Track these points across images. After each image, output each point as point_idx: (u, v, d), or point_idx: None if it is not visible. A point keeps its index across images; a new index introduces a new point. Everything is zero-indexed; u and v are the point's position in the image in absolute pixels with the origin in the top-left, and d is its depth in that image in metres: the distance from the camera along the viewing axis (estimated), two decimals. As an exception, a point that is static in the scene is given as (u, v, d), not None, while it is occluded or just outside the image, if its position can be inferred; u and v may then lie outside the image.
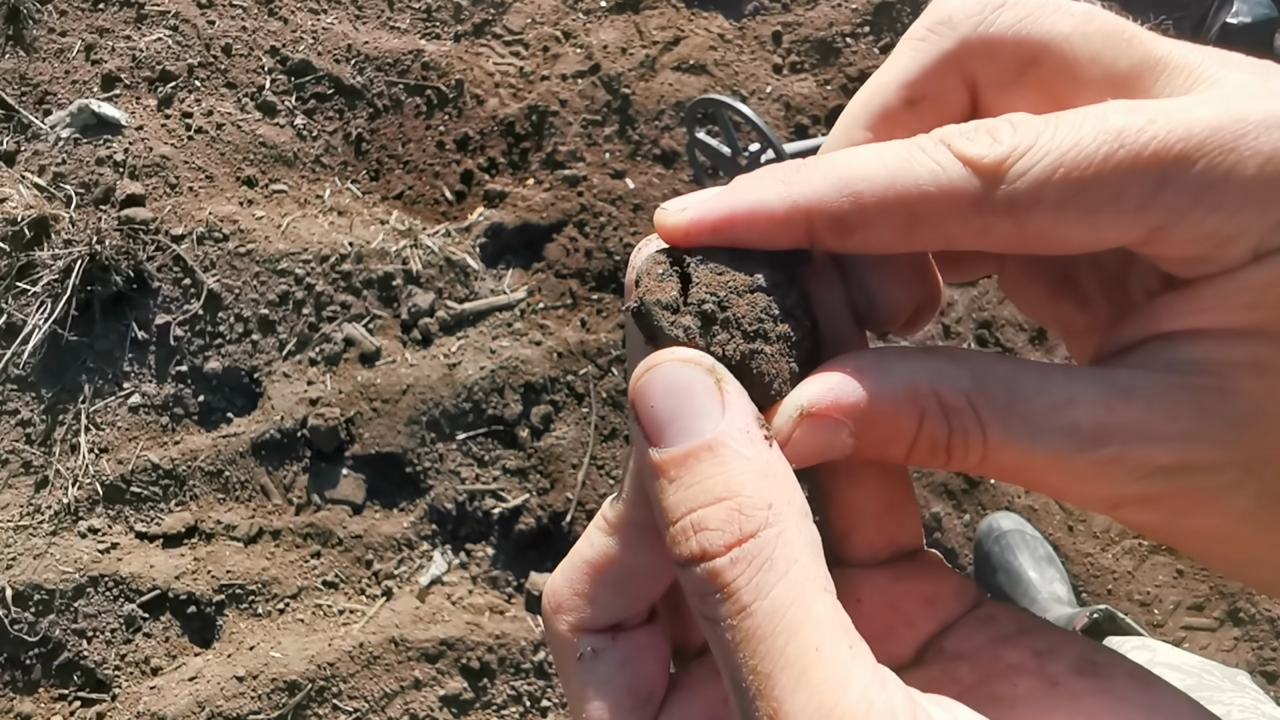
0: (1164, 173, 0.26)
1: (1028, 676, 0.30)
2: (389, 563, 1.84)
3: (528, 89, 2.28)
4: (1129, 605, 1.85)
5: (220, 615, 1.80)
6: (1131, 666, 0.30)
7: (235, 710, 1.68)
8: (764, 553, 0.25)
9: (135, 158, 2.07)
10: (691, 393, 0.28)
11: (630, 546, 0.31)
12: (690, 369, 0.28)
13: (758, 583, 0.25)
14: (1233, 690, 1.10)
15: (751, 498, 0.26)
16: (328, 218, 2.10)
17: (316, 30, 2.28)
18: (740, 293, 0.31)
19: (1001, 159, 0.27)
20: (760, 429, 0.28)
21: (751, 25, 2.37)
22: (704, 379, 0.28)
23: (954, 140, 0.28)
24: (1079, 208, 0.26)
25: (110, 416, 1.93)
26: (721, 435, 0.27)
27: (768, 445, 0.27)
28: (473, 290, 2.04)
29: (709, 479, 0.26)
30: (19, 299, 1.96)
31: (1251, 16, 2.09)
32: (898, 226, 0.28)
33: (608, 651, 0.32)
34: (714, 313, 0.30)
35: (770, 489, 0.26)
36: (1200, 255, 0.27)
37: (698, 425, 0.27)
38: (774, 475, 0.27)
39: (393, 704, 1.71)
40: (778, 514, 0.26)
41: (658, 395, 0.28)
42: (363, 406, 1.91)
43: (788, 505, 0.26)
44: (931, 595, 0.34)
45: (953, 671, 0.32)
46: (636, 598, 0.32)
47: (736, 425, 0.27)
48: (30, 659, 1.78)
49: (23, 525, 1.84)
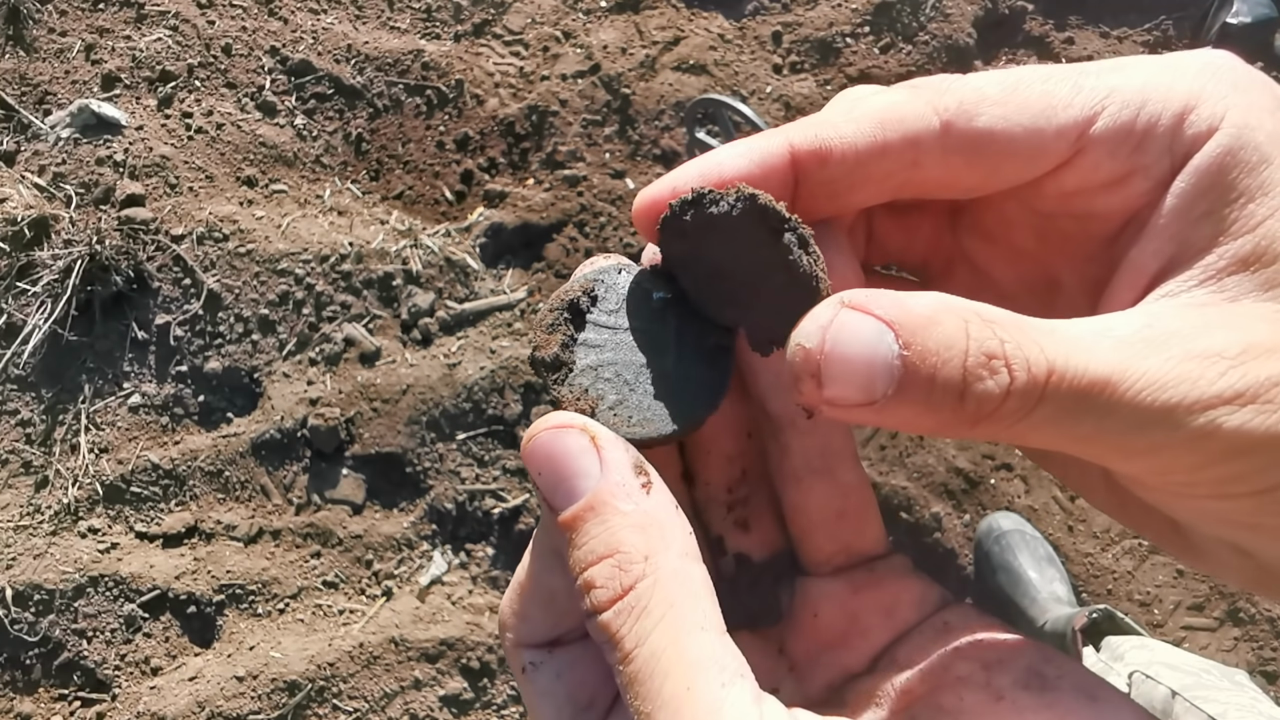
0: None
1: (974, 690, 0.31)
2: (389, 563, 1.84)
3: (528, 89, 2.28)
4: (1129, 605, 1.85)
5: (220, 615, 1.80)
6: (1080, 679, 0.30)
7: (235, 710, 1.68)
8: (641, 602, 0.27)
9: (135, 158, 2.07)
10: (569, 456, 0.29)
11: (548, 570, 0.33)
12: (564, 434, 0.30)
13: (636, 631, 0.27)
14: (1230, 689, 1.10)
15: (629, 552, 0.28)
16: (328, 218, 2.10)
17: (316, 30, 2.28)
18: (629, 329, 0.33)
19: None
20: (638, 479, 0.29)
21: (751, 25, 2.37)
22: (578, 440, 0.29)
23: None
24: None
25: (110, 416, 1.93)
26: (600, 494, 0.29)
27: (645, 494, 0.29)
28: (473, 290, 2.04)
29: (593, 539, 0.28)
30: (19, 299, 1.96)
31: (1251, 17, 2.09)
32: (873, 149, 0.30)
33: (545, 664, 0.34)
34: (595, 366, 0.32)
35: (648, 540, 0.28)
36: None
37: (580, 486, 0.29)
38: (651, 525, 0.28)
39: (393, 704, 1.71)
40: (654, 564, 0.27)
41: (541, 462, 0.30)
42: (363, 406, 1.91)
43: (665, 552, 0.28)
44: (890, 605, 0.35)
45: (903, 682, 0.32)
46: (563, 615, 0.33)
47: (614, 480, 0.29)
48: (30, 659, 1.78)
49: (23, 525, 1.84)
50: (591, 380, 0.32)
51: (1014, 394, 0.26)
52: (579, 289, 0.33)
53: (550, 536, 0.32)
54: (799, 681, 0.35)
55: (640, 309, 0.34)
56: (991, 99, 0.31)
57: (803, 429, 0.34)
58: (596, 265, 0.34)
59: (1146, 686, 1.13)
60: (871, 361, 0.26)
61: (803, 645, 0.35)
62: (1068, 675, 0.30)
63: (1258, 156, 0.29)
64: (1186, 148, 0.30)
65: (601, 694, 0.34)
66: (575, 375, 0.32)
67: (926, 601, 0.35)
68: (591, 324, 0.33)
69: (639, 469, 0.29)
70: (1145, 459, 0.27)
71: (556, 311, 0.33)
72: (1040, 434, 0.27)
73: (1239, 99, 0.29)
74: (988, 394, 0.26)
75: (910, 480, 1.94)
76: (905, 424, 0.27)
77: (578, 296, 0.33)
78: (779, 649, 0.36)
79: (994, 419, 0.26)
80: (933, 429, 0.27)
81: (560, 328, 0.32)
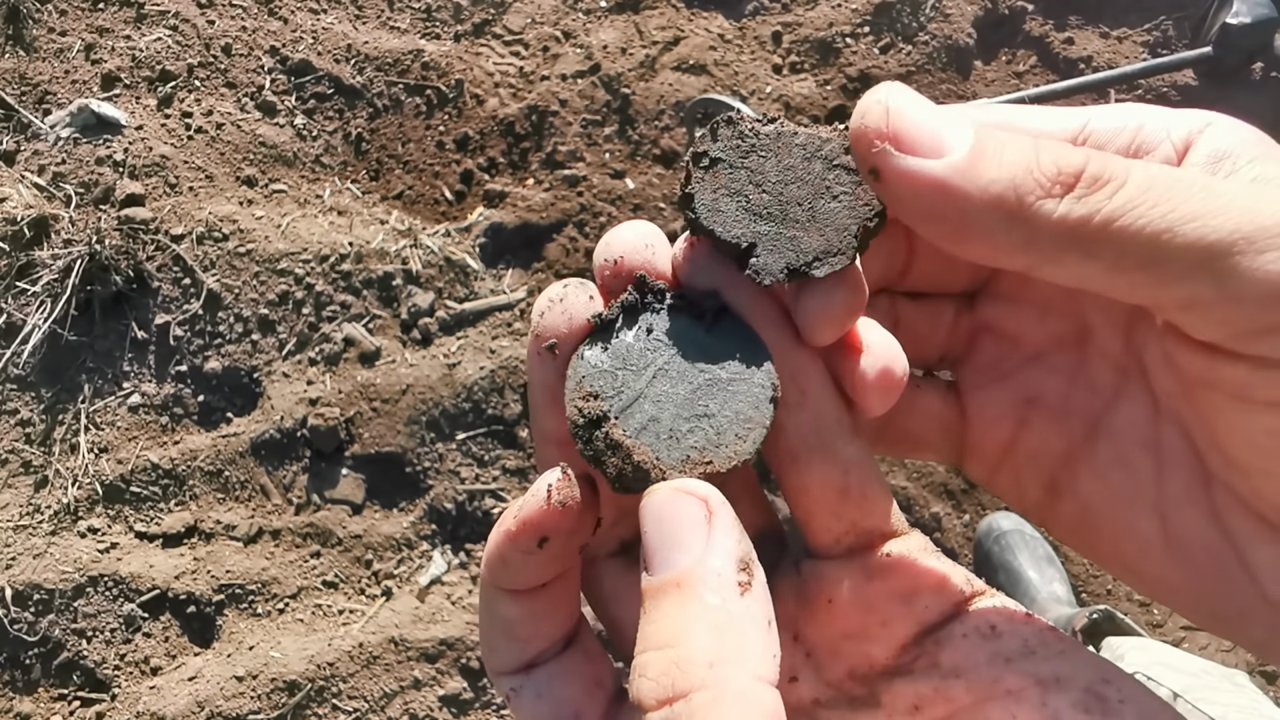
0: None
1: (1028, 708, 0.29)
2: (389, 563, 1.84)
3: (528, 89, 2.28)
4: (1128, 605, 1.85)
5: (220, 615, 1.80)
6: (1144, 706, 0.29)
7: (235, 710, 1.68)
8: (690, 717, 0.23)
9: (135, 157, 2.07)
10: (679, 524, 0.27)
11: (497, 602, 0.33)
12: (682, 500, 0.28)
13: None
14: (1230, 690, 1.10)
15: (691, 651, 0.24)
16: (327, 217, 2.10)
17: (316, 30, 2.28)
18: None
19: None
20: (740, 573, 0.26)
21: (751, 25, 2.37)
22: (694, 511, 0.27)
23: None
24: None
25: (110, 416, 1.93)
26: (689, 574, 0.26)
27: (739, 593, 0.26)
28: (473, 290, 2.04)
29: (664, 620, 0.25)
30: (19, 299, 1.96)
31: (1251, 17, 2.09)
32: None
33: (525, 686, 0.33)
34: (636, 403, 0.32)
35: (722, 644, 0.25)
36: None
37: (674, 558, 0.27)
38: (731, 629, 0.25)
39: (392, 704, 1.71)
40: (718, 676, 0.24)
41: (651, 521, 0.28)
42: (362, 406, 1.91)
43: (736, 666, 0.24)
44: (908, 592, 0.33)
45: (946, 690, 0.31)
46: (527, 641, 0.33)
47: (710, 566, 0.26)
48: (30, 659, 1.78)
49: (22, 525, 1.84)
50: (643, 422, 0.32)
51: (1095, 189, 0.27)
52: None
53: (495, 576, 0.32)
54: (817, 669, 0.34)
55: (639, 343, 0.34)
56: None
57: (793, 404, 0.33)
58: (572, 304, 0.34)
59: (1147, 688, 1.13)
60: (942, 122, 0.28)
61: (819, 632, 0.34)
62: (1130, 700, 0.29)
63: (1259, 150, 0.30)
64: (1183, 145, 0.31)
65: (587, 708, 0.34)
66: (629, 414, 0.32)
67: (948, 588, 0.33)
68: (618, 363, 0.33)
69: (744, 565, 0.27)
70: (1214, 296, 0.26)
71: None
72: (1097, 259, 0.27)
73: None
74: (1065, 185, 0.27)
75: (910, 480, 1.94)
76: (971, 214, 0.27)
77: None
78: (794, 635, 0.35)
79: (1062, 222, 0.27)
80: (993, 228, 0.27)
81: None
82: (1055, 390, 0.36)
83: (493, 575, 0.32)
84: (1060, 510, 0.36)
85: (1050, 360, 0.36)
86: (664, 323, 0.33)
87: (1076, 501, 0.36)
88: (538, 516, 0.30)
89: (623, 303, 0.33)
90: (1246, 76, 2.27)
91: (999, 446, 0.38)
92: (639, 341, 0.33)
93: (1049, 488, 0.36)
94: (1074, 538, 0.37)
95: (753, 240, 0.32)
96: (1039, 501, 0.37)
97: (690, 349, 0.33)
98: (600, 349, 0.33)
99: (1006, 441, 0.37)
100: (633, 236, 0.34)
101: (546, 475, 0.31)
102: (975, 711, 0.30)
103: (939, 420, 0.38)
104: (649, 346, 0.33)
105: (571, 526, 0.30)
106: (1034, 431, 0.36)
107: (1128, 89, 2.30)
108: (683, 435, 0.31)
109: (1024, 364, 0.37)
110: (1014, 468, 0.37)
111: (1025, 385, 0.37)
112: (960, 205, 0.27)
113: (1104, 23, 2.40)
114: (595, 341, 0.33)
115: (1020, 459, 0.37)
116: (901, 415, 0.38)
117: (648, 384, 0.32)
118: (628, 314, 0.33)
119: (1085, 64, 2.33)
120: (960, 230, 0.28)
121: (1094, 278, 0.27)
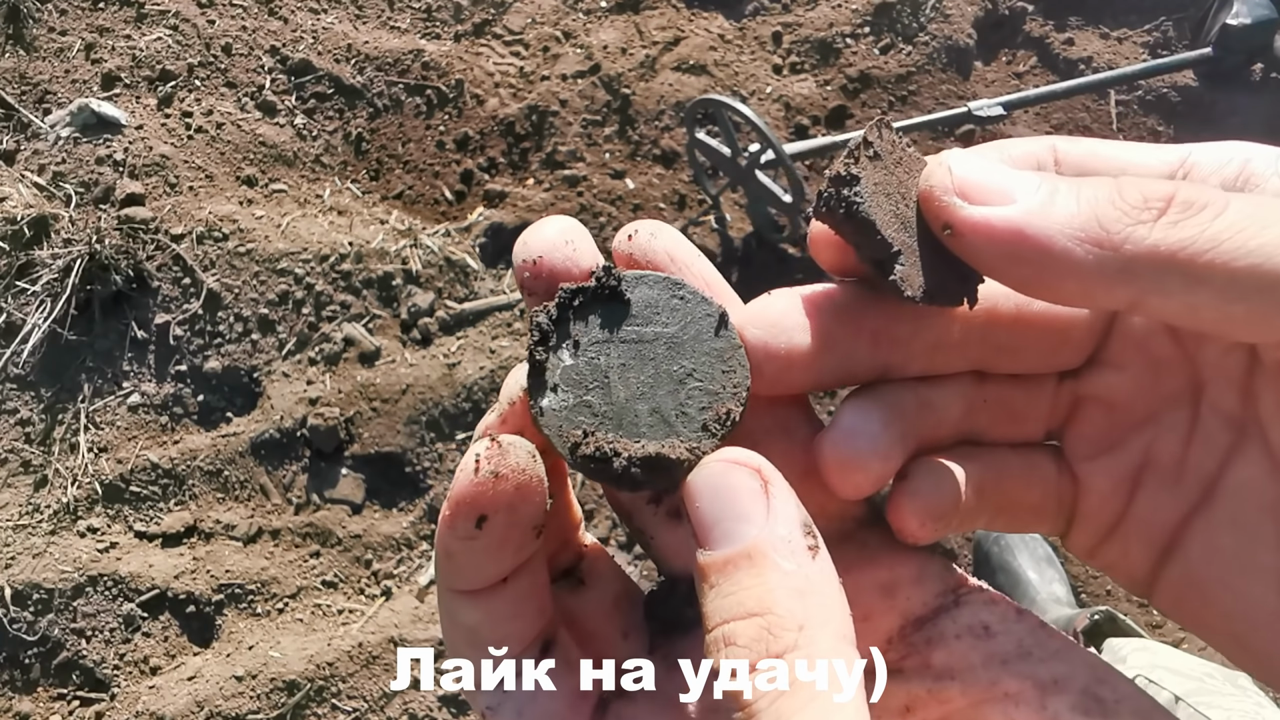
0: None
1: (1028, 712, 0.29)
2: (388, 562, 1.84)
3: (528, 89, 2.28)
4: (1128, 606, 1.85)
5: (219, 615, 1.80)
6: (1138, 704, 0.29)
7: (234, 710, 1.68)
8: (785, 678, 0.24)
9: (135, 157, 2.07)
10: (737, 494, 0.27)
11: (461, 607, 0.31)
12: (737, 471, 0.27)
13: (775, 710, 0.24)
14: (1233, 693, 1.09)
15: (783, 617, 0.25)
16: (327, 217, 2.10)
17: (316, 30, 2.28)
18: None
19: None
20: (806, 537, 0.26)
21: (751, 25, 2.37)
22: (750, 481, 0.27)
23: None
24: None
25: (109, 416, 1.92)
26: (760, 544, 0.26)
27: (810, 557, 0.26)
28: (472, 290, 2.04)
29: (743, 590, 0.26)
30: (18, 298, 1.96)
31: (1251, 18, 2.09)
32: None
33: (504, 704, 0.31)
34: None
35: (806, 608, 0.25)
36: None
37: (739, 530, 0.26)
38: (812, 593, 0.25)
39: (391, 704, 1.71)
40: (809, 637, 0.25)
41: (704, 497, 0.27)
42: (362, 406, 1.91)
43: (823, 628, 0.25)
44: (887, 584, 0.33)
45: (940, 692, 0.31)
46: (496, 648, 0.31)
47: (778, 534, 0.26)
48: (29, 658, 1.78)
49: (22, 524, 1.84)
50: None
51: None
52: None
53: (447, 578, 0.30)
54: None
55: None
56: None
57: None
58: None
59: (1149, 691, 1.12)
60: (1009, 173, 0.28)
61: None
62: (1125, 699, 0.29)
63: None
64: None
65: (573, 718, 0.32)
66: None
67: (927, 576, 0.33)
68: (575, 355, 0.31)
69: (807, 529, 0.27)
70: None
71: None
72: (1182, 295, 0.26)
73: None
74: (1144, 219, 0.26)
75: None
76: (1055, 252, 0.26)
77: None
78: None
79: (1145, 253, 0.26)
80: (1082, 262, 0.26)
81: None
82: (1169, 452, 0.34)
83: (444, 577, 0.30)
84: (1167, 580, 0.34)
85: (1163, 420, 0.34)
86: (585, 324, 0.31)
87: (1186, 570, 0.34)
88: (470, 491, 0.28)
89: (536, 337, 0.31)
90: (1246, 77, 2.27)
91: (1112, 516, 0.35)
92: (581, 358, 0.31)
93: (1158, 557, 0.35)
94: (1180, 609, 0.35)
95: (899, 248, 0.30)
96: (1145, 571, 0.35)
97: (629, 329, 0.31)
98: (551, 392, 0.31)
99: (1119, 512, 0.35)
100: (553, 233, 0.32)
101: (475, 446, 0.28)
102: (971, 714, 0.30)
103: (1053, 491, 0.36)
104: (591, 355, 0.31)
105: (509, 500, 0.28)
106: (1146, 497, 0.34)
107: (1128, 90, 2.30)
108: (686, 406, 0.30)
109: (1135, 428, 0.35)
110: (1123, 537, 0.35)
111: (1138, 451, 0.35)
112: (1041, 245, 0.26)
113: (1104, 23, 2.40)
114: (539, 389, 0.31)
115: (1130, 527, 0.35)
116: (1019, 487, 0.35)
117: (621, 386, 0.31)
118: (544, 340, 0.31)
119: (1085, 65, 2.33)
120: (1045, 271, 0.27)
121: (1205, 308, 0.26)
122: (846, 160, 0.31)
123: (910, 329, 0.32)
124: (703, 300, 0.32)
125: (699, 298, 0.32)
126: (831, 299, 0.32)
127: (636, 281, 0.32)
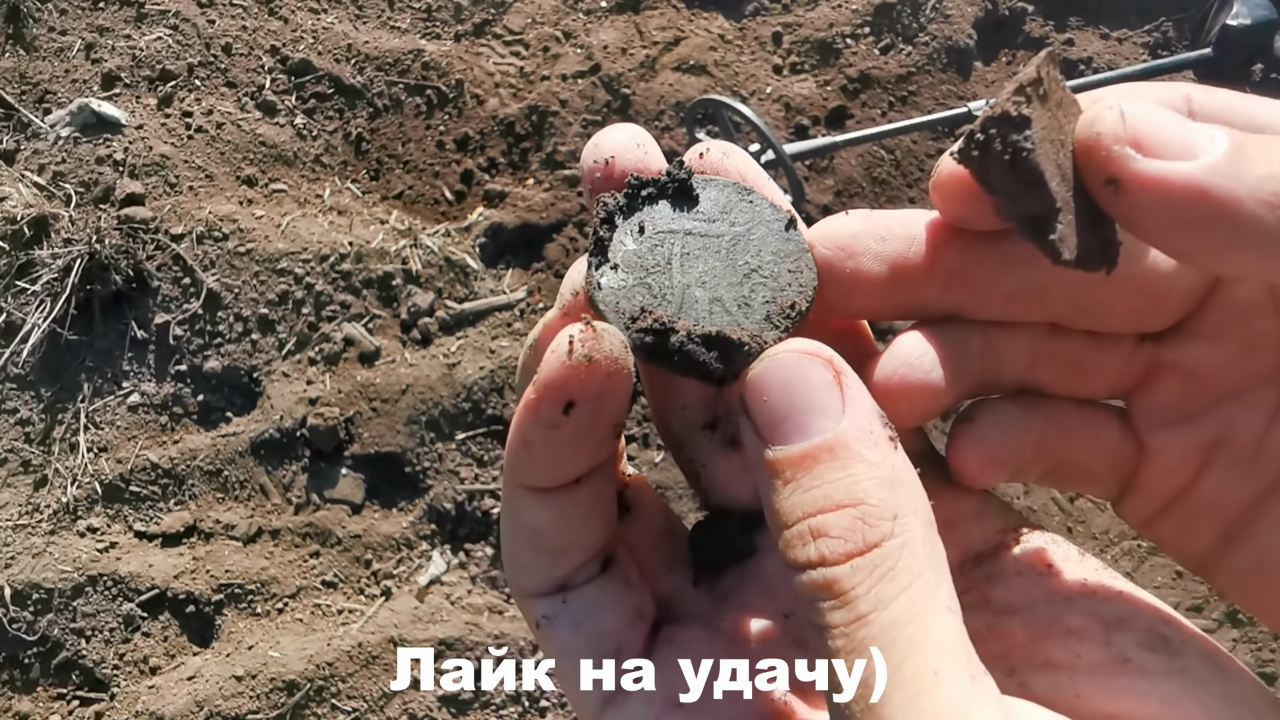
0: None
1: (1092, 647, 0.28)
2: (388, 562, 1.84)
3: (528, 89, 2.28)
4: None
5: (219, 615, 1.80)
6: (1204, 644, 0.28)
7: (234, 710, 1.68)
8: (886, 563, 0.24)
9: (135, 157, 2.07)
10: (810, 387, 0.26)
11: (527, 508, 0.29)
12: (809, 362, 0.26)
13: (878, 593, 0.23)
14: None
15: (876, 506, 0.24)
16: (327, 217, 2.10)
17: (316, 30, 2.28)
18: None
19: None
20: (885, 429, 0.26)
21: (751, 26, 2.37)
22: (823, 373, 0.26)
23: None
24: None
25: (109, 416, 1.93)
26: (843, 436, 0.25)
27: (892, 448, 0.26)
28: (472, 290, 2.04)
29: (830, 484, 0.25)
30: (18, 298, 1.96)
31: (1251, 18, 2.09)
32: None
33: (560, 616, 0.30)
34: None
35: (896, 498, 0.25)
36: None
37: (817, 423, 0.25)
38: (900, 483, 0.25)
39: (391, 703, 1.71)
40: (903, 525, 0.24)
41: (773, 389, 0.26)
42: (362, 406, 1.91)
43: (914, 516, 0.25)
44: (949, 518, 0.31)
45: (1000, 626, 0.30)
46: (558, 554, 0.30)
47: (859, 425, 0.25)
48: (29, 658, 1.78)
49: (21, 524, 1.84)
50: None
51: None
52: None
53: (520, 472, 0.28)
54: None
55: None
56: None
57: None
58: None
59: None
60: (1187, 123, 0.25)
61: None
62: (1190, 640, 0.29)
63: None
64: None
65: (629, 638, 0.31)
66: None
67: (988, 513, 0.32)
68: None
69: (885, 421, 0.26)
70: None
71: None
72: None
73: None
74: None
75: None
76: (1241, 220, 0.23)
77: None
78: None
79: None
80: (1270, 234, 0.23)
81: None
82: (1248, 431, 0.32)
83: (516, 471, 0.29)
84: (1231, 561, 0.33)
85: (1247, 398, 0.32)
86: (653, 214, 0.31)
87: (1254, 552, 0.32)
88: (560, 375, 0.26)
89: (602, 216, 0.30)
90: (1246, 78, 2.27)
91: (1175, 489, 0.34)
92: (644, 244, 0.30)
93: (1223, 536, 0.33)
94: (1242, 591, 0.33)
95: (1061, 204, 0.26)
96: (1206, 549, 0.33)
97: (695, 222, 0.31)
98: (611, 270, 0.30)
99: (1184, 486, 0.34)
100: (624, 137, 0.32)
101: (569, 328, 0.26)
102: (1032, 649, 0.29)
103: (1114, 455, 0.34)
104: (655, 241, 0.30)
105: (600, 389, 0.26)
106: (1217, 475, 0.33)
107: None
108: (749, 298, 0.30)
109: (1215, 403, 0.33)
110: (1185, 512, 0.34)
111: (1214, 426, 0.33)
112: (1225, 209, 0.24)
113: (1104, 24, 2.40)
114: (599, 267, 0.30)
115: (1194, 503, 0.33)
116: (1079, 447, 0.34)
117: (681, 273, 0.30)
118: (609, 221, 0.30)
119: (1085, 65, 2.33)
120: (1226, 241, 0.24)
121: None
122: (1016, 99, 0.27)
123: (990, 275, 0.31)
124: (771, 206, 0.31)
125: (768, 204, 0.31)
126: (909, 227, 0.31)
127: (706, 183, 0.32)
